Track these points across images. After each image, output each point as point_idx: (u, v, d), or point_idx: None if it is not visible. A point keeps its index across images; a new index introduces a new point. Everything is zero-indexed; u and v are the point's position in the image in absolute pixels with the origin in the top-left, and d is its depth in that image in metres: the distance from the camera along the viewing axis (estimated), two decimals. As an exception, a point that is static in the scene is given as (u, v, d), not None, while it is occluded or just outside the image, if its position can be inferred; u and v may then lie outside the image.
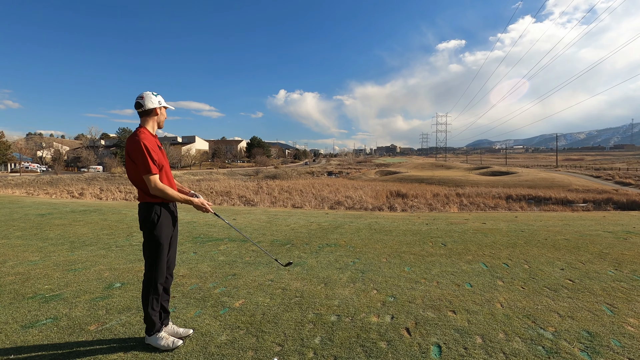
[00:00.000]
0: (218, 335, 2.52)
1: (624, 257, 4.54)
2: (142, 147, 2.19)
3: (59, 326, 2.65)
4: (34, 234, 6.16)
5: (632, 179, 41.86)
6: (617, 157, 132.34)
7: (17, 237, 5.84)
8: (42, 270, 4.04)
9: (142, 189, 2.29)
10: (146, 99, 2.32)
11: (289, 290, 3.40)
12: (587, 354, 2.25)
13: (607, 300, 3.13)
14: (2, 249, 5.03)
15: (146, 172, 2.20)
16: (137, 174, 2.24)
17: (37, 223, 7.25)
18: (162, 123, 2.45)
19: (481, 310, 2.93)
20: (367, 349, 2.34)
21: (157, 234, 2.30)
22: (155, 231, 2.29)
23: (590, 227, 6.81)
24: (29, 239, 5.75)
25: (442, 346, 2.36)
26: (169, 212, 2.40)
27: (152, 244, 2.31)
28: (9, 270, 4.06)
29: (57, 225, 7.03)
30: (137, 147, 2.20)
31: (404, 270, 4.06)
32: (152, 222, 2.29)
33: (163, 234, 2.33)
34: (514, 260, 4.43)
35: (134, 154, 2.21)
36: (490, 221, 7.60)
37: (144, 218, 2.30)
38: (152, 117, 2.37)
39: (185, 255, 4.71)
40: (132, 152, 2.22)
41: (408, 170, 69.99)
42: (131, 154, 2.23)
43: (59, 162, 61.51)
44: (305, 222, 7.51)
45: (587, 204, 25.05)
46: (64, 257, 4.62)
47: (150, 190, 2.24)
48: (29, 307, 2.99)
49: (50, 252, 4.84)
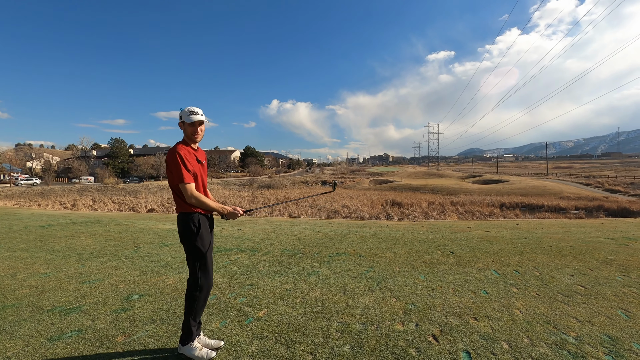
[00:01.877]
0: (248, 345, 2.54)
1: (629, 263, 4.66)
2: (176, 158, 2.30)
3: (85, 338, 2.64)
4: (39, 246, 6.08)
5: (620, 186, 42.73)
6: (605, 164, 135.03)
7: (22, 250, 5.77)
8: (55, 282, 4.01)
9: (180, 198, 2.36)
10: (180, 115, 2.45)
11: (310, 300, 3.42)
12: (612, 358, 2.32)
13: (621, 305, 3.22)
14: (10, 262, 4.97)
15: (180, 181, 2.29)
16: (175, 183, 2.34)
17: (39, 235, 7.16)
18: (192, 137, 2.45)
19: (502, 317, 2.99)
20: (398, 356, 2.37)
21: (199, 244, 2.35)
22: (196, 241, 2.34)
23: (590, 234, 6.96)
24: (35, 251, 5.68)
25: (471, 352, 2.41)
26: (207, 219, 2.46)
27: (195, 254, 2.37)
28: (22, 283, 4.01)
29: (60, 237, 6.95)
30: (172, 157, 2.31)
31: (418, 278, 4.11)
32: (193, 232, 2.34)
33: (205, 242, 2.38)
34: (523, 267, 4.52)
35: (169, 164, 2.33)
36: (493, 229, 7.72)
37: (183, 229, 2.35)
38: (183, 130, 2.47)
39: (198, 266, 4.70)
40: (168, 163, 2.33)
41: (402, 179, 70.44)
42: (168, 164, 2.34)
43: (49, 172, 60.63)
44: (311, 231, 7.54)
45: (579, 211, 25.45)
46: (74, 269, 4.58)
47: (186, 198, 2.32)
48: (51, 320, 2.97)
49: (60, 265, 4.79)
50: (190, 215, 2.36)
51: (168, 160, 2.33)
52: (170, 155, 2.32)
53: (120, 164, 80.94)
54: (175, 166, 2.29)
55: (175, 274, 4.30)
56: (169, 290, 3.73)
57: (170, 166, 2.31)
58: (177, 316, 3.03)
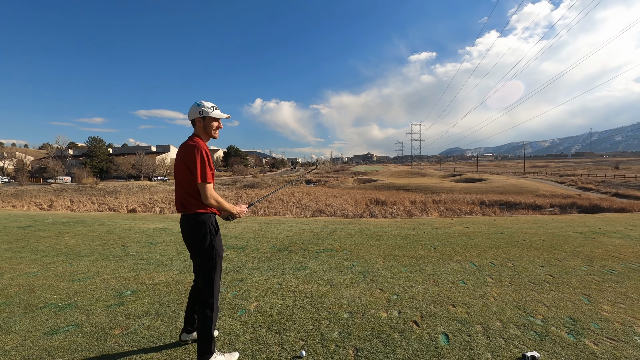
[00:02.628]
0: (242, 334, 2.69)
1: (594, 254, 5.03)
2: (202, 155, 2.20)
3: (83, 332, 2.72)
4: (22, 246, 6.01)
5: (592, 184, 44.73)
6: (578, 164, 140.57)
7: (5, 250, 5.69)
8: (44, 281, 4.03)
9: (195, 198, 2.25)
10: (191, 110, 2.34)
11: (299, 292, 3.59)
12: (573, 336, 2.59)
13: (584, 292, 3.53)
14: (-6, 262, 4.92)
15: (203, 180, 2.19)
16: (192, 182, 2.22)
17: (21, 235, 7.04)
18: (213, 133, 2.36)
19: (477, 304, 3.24)
20: (382, 340, 2.57)
21: (217, 245, 2.31)
22: (214, 242, 2.29)
23: (561, 228, 7.39)
24: (18, 251, 5.62)
25: (449, 334, 2.64)
26: (216, 221, 2.41)
27: (212, 256, 2.29)
28: (10, 282, 4.01)
29: (43, 237, 6.86)
30: (195, 154, 2.20)
31: (401, 271, 4.34)
32: (212, 233, 2.29)
33: (221, 243, 2.37)
34: (498, 259, 4.82)
35: (190, 161, 2.20)
36: (472, 225, 8.08)
37: (200, 230, 2.26)
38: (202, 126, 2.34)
39: (188, 262, 4.78)
40: (189, 160, 2.21)
41: (385, 178, 71.39)
42: (188, 161, 2.21)
43: (23, 172, 58.43)
44: (298, 229, 7.70)
45: (554, 208, 26.53)
46: (63, 268, 4.59)
47: (205, 198, 2.22)
48: (46, 316, 3.03)
49: (47, 264, 4.79)
50: (207, 215, 2.29)
51: (188, 157, 2.19)
52: (192, 151, 2.19)
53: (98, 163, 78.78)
54: (200, 164, 2.17)
55: (166, 271, 4.39)
56: (161, 286, 3.82)
57: (191, 164, 2.18)
58: (172, 309, 3.14)
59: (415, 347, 2.47)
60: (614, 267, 4.36)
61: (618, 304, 3.19)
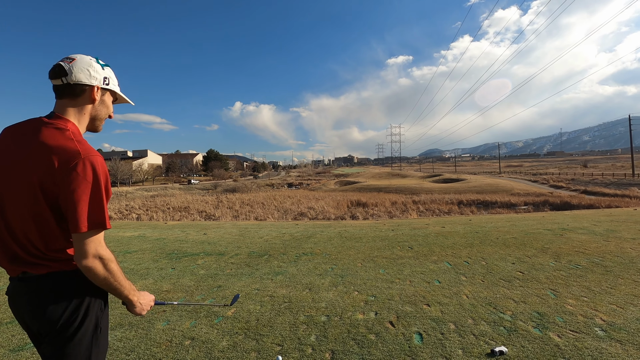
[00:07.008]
0: (219, 341, 2.67)
1: (562, 250, 5.27)
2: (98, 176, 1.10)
3: (51, 347, 2.63)
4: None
5: (563, 182, 46.70)
6: (550, 163, 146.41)
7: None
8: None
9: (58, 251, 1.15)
10: (79, 64, 1.17)
11: (277, 297, 3.59)
12: (539, 330, 2.71)
13: (551, 287, 3.69)
14: (-45, 277, 4.67)
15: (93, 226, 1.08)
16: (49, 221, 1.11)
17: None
18: (101, 119, 1.29)
19: (451, 302, 3.33)
20: (358, 342, 2.61)
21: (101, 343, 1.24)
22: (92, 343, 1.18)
23: (532, 226, 7.69)
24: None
25: (423, 333, 2.71)
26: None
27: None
28: (-27, 297, 3.82)
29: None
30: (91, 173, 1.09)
31: (379, 272, 4.41)
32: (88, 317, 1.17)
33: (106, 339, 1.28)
34: (472, 258, 4.97)
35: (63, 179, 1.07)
36: (449, 225, 8.28)
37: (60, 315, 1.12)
38: (83, 102, 1.22)
39: (164, 271, 4.70)
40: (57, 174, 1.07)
41: (366, 180, 72.11)
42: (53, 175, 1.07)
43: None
44: (278, 233, 7.68)
45: (527, 206, 27.51)
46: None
47: (83, 258, 1.07)
48: (12, 332, 2.91)
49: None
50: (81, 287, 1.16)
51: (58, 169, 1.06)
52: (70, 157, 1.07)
53: (71, 170, 75.70)
54: (92, 189, 1.08)
55: (142, 280, 4.29)
56: (135, 296, 3.73)
57: (64, 185, 1.06)
58: (146, 320, 3.08)
59: (390, 347, 2.52)
60: (579, 262, 4.58)
61: (581, 298, 3.36)
